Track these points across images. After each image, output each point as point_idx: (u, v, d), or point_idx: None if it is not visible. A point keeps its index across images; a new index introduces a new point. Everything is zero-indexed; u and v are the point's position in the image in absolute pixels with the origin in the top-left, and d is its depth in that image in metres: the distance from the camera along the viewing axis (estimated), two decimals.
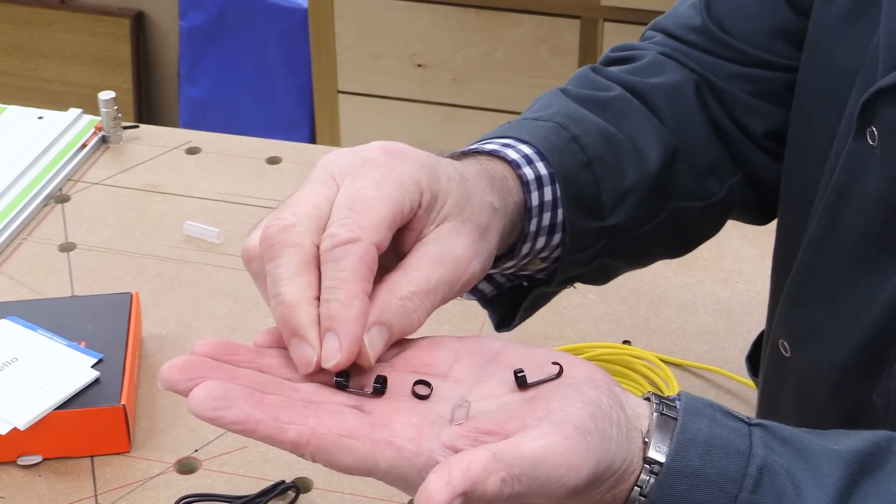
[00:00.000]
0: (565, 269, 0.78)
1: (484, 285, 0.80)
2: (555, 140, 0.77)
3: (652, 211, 0.82)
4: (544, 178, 0.75)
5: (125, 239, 1.27)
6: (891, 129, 0.71)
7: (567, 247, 0.77)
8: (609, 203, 0.79)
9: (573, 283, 0.83)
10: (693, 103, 0.86)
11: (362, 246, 0.59)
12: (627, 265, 0.87)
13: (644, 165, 0.81)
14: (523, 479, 0.55)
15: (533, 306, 0.82)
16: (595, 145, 0.79)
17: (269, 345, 0.63)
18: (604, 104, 0.83)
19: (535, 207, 0.75)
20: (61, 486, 0.97)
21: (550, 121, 0.79)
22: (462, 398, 0.60)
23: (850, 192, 0.75)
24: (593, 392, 0.59)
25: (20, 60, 3.20)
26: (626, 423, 0.59)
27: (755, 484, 0.58)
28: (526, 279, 0.81)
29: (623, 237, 0.81)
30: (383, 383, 0.60)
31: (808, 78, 0.82)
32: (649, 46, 0.90)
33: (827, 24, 0.80)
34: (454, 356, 0.63)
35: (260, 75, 2.99)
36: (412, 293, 0.62)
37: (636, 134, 0.82)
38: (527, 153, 0.75)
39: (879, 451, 0.61)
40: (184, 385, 0.57)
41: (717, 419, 0.60)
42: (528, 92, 2.56)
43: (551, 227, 0.76)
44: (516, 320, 0.82)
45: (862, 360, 0.76)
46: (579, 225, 0.77)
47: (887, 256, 0.73)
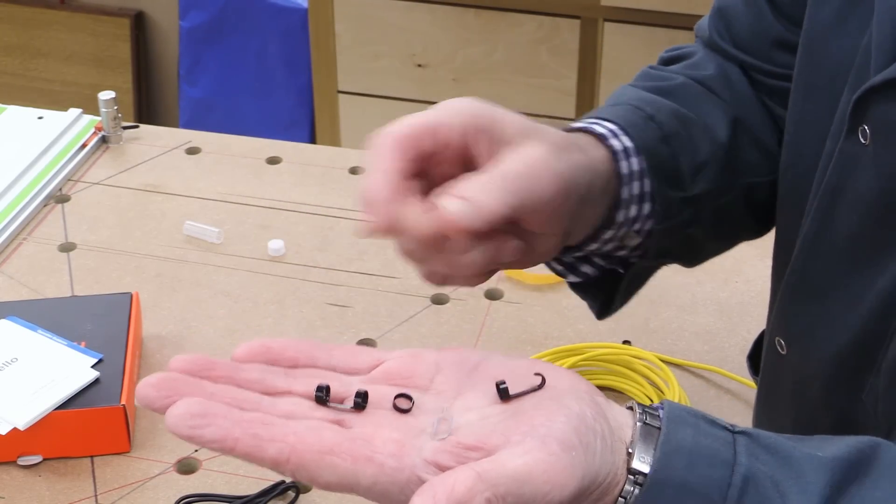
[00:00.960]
0: (657, 240, 0.80)
1: (587, 268, 0.82)
2: (632, 118, 0.79)
3: (727, 183, 0.84)
4: (629, 149, 0.77)
5: (125, 239, 1.27)
6: (883, 127, 0.71)
7: (657, 216, 0.79)
8: (688, 174, 0.81)
9: (667, 260, 0.86)
10: (746, 85, 0.89)
11: (387, 138, 0.66)
12: (713, 240, 0.89)
13: (714, 140, 0.84)
14: (508, 499, 0.54)
15: (631, 287, 0.84)
16: (669, 122, 0.81)
17: (247, 359, 0.62)
18: (670, 91, 0.86)
19: (625, 175, 0.76)
20: (61, 486, 0.97)
21: (626, 104, 0.82)
22: (444, 411, 0.59)
23: (842, 190, 0.76)
24: (577, 405, 0.59)
25: (20, 60, 3.20)
26: (610, 435, 0.59)
27: (740, 493, 0.58)
28: (622, 264, 0.82)
29: (705, 209, 0.83)
30: (364, 398, 0.60)
31: (802, 76, 0.83)
32: (695, 47, 0.94)
33: (820, 22, 0.80)
34: (435, 368, 0.63)
35: (260, 75, 2.99)
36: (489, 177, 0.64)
37: (703, 113, 0.85)
38: (611, 128, 0.78)
39: (863, 458, 0.60)
40: (160, 403, 0.57)
41: (700, 428, 0.60)
42: (528, 92, 2.56)
43: (641, 197, 0.78)
44: (615, 304, 0.84)
45: (853, 358, 0.76)
46: (665, 194, 0.79)
47: (879, 255, 0.73)
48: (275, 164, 1.40)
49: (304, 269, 1.23)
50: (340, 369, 0.63)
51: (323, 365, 0.63)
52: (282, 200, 1.33)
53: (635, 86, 0.88)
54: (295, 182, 1.36)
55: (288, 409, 0.59)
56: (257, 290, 1.20)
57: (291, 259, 1.24)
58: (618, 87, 0.89)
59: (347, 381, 0.62)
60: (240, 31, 2.98)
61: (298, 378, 0.61)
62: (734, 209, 0.86)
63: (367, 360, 0.64)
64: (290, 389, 0.61)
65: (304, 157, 1.41)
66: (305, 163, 1.40)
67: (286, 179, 1.37)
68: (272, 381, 0.61)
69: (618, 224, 0.77)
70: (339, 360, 0.63)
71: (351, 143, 2.73)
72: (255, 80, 3.01)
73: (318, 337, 1.14)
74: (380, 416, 0.60)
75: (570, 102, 2.54)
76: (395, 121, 0.68)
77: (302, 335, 1.14)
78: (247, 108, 3.03)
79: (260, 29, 2.95)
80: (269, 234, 1.28)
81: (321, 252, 1.25)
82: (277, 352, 0.63)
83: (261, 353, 0.62)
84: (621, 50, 2.44)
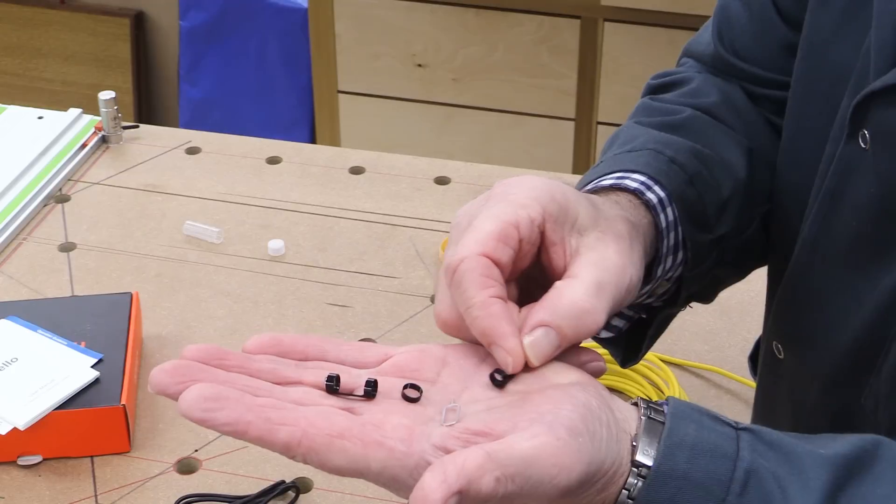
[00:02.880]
0: (688, 286, 0.79)
1: (617, 320, 0.81)
2: (657, 164, 0.78)
3: (748, 217, 0.84)
4: (664, 199, 0.76)
5: (125, 239, 1.27)
6: (882, 132, 0.71)
7: (689, 263, 0.78)
8: (714, 215, 0.80)
9: (690, 302, 0.84)
10: (750, 108, 0.88)
11: (469, 261, 0.62)
12: (733, 276, 0.89)
13: (734, 174, 0.83)
14: (516, 479, 0.55)
15: (657, 333, 0.82)
16: (690, 163, 0.80)
17: (258, 351, 0.63)
18: (680, 126, 0.84)
19: (664, 229, 0.75)
20: (61, 486, 0.97)
21: (644, 148, 0.80)
22: (452, 401, 0.60)
23: (842, 194, 0.76)
24: (582, 394, 0.59)
25: (20, 60, 3.20)
26: (615, 425, 0.59)
27: (742, 487, 0.58)
28: (644, 310, 0.81)
29: (728, 247, 0.82)
30: (374, 386, 0.60)
31: (802, 80, 0.82)
32: (688, 71, 0.92)
33: (820, 27, 0.80)
34: (441, 363, 0.63)
35: (260, 75, 2.99)
36: (586, 293, 0.62)
37: (719, 147, 0.83)
38: (642, 180, 0.76)
39: (866, 455, 0.61)
40: (174, 388, 0.57)
41: (704, 423, 0.60)
42: (528, 92, 2.56)
43: (675, 246, 0.77)
44: (643, 351, 0.82)
45: (852, 362, 0.76)
46: (696, 239, 0.78)
47: (878, 259, 0.73)
48: (275, 164, 1.40)
49: (304, 269, 1.23)
50: (349, 363, 0.64)
51: (332, 359, 0.64)
52: (282, 200, 1.33)
53: (641, 123, 0.85)
54: (295, 182, 1.36)
55: (299, 398, 0.59)
56: (257, 290, 1.20)
57: (291, 259, 1.24)
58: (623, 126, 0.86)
59: (356, 373, 0.62)
60: (240, 31, 2.98)
61: (309, 369, 0.62)
62: (753, 240, 0.85)
63: (375, 355, 0.65)
64: (301, 380, 0.61)
65: (304, 157, 1.41)
66: (305, 163, 1.40)
67: (286, 179, 1.37)
68: (283, 371, 0.61)
69: (656, 278, 0.76)
70: (349, 355, 0.64)
71: (351, 143, 2.74)
72: (255, 80, 3.01)
73: None
74: (389, 404, 0.60)
75: (570, 102, 2.54)
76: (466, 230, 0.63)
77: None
78: (247, 108, 3.03)
79: (260, 29, 2.95)
80: (269, 234, 1.28)
81: (321, 252, 1.25)
82: (288, 345, 0.63)
83: (271, 345, 0.63)
84: (621, 50, 2.45)
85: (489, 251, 0.62)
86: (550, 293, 0.63)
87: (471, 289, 0.61)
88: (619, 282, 0.64)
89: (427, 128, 2.67)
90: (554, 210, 0.64)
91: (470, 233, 0.63)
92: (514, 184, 0.65)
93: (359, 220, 1.30)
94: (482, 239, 0.62)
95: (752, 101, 0.88)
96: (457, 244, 0.63)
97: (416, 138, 2.66)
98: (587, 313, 0.62)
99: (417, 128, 2.67)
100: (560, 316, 0.62)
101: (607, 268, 0.64)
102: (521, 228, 0.63)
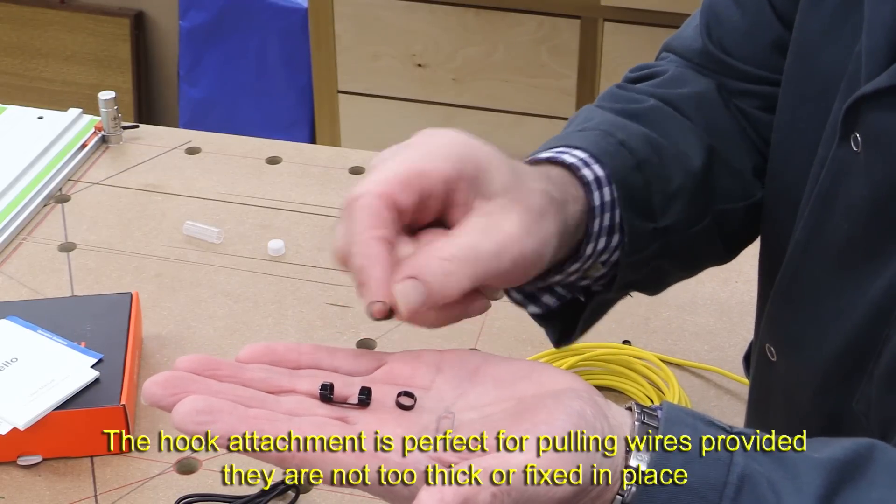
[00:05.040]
0: (624, 273, 0.79)
1: (547, 298, 0.80)
2: (604, 145, 0.77)
3: (698, 213, 0.83)
4: (602, 178, 0.75)
5: (125, 239, 1.27)
6: (874, 135, 0.71)
7: (625, 248, 0.77)
8: (659, 205, 0.79)
9: (630, 290, 0.84)
10: (720, 107, 0.87)
11: (367, 197, 0.62)
12: (680, 271, 0.87)
13: (688, 167, 0.82)
14: (513, 493, 0.55)
15: (592, 317, 0.82)
16: (641, 149, 0.79)
17: (251, 360, 0.62)
18: (640, 114, 0.84)
19: (597, 207, 0.75)
20: (61, 486, 0.97)
21: (596, 129, 0.80)
22: (446, 409, 0.60)
23: (834, 197, 0.75)
24: (577, 403, 0.59)
25: (20, 60, 3.20)
26: (610, 433, 0.59)
27: (736, 492, 0.58)
28: (583, 292, 0.81)
29: (674, 240, 0.81)
30: (367, 394, 0.60)
31: (793, 83, 0.82)
32: (667, 64, 0.91)
33: (811, 30, 0.80)
34: (436, 369, 0.63)
35: (260, 75, 2.99)
36: (452, 255, 0.63)
37: (676, 138, 0.83)
38: (582, 157, 0.76)
39: (860, 459, 0.61)
40: (167, 400, 0.57)
41: (698, 428, 0.60)
42: (528, 92, 2.56)
43: (610, 228, 0.76)
44: (576, 333, 0.82)
45: (843, 365, 0.76)
46: (635, 226, 0.77)
47: (870, 262, 0.73)
48: (275, 164, 1.40)
49: (304, 269, 1.23)
50: (343, 371, 0.64)
51: (326, 366, 0.64)
52: (282, 200, 1.33)
53: (602, 107, 0.85)
54: (295, 182, 1.36)
55: (292, 407, 0.59)
56: (257, 290, 1.20)
57: (291, 259, 1.24)
58: (582, 109, 0.86)
59: (350, 381, 0.62)
60: (240, 31, 2.98)
61: (302, 378, 0.62)
62: (704, 237, 0.84)
63: (369, 362, 0.64)
64: (295, 388, 0.61)
65: (304, 157, 1.41)
66: (305, 163, 1.40)
67: (286, 179, 1.37)
68: (276, 380, 0.61)
69: (585, 257, 0.76)
70: (342, 362, 0.64)
71: (351, 143, 2.73)
72: (255, 80, 3.01)
73: (317, 337, 1.14)
74: (383, 412, 0.60)
75: (570, 102, 2.54)
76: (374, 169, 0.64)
77: (302, 335, 1.14)
78: (247, 108, 3.03)
79: (260, 29, 2.95)
80: (269, 234, 1.28)
81: (321, 252, 1.25)
82: (281, 354, 0.63)
83: (264, 354, 0.63)
84: (621, 50, 2.44)
85: (388, 191, 0.62)
86: (426, 247, 0.63)
87: (359, 225, 0.62)
88: (503, 251, 0.64)
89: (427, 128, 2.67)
90: (469, 171, 0.64)
91: (376, 172, 0.64)
92: (436, 135, 0.66)
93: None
94: (384, 179, 0.63)
95: (735, 96, 0.87)
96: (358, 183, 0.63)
97: None
98: (451, 275, 0.62)
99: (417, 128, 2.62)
100: (429, 272, 0.62)
101: (491, 235, 0.64)
102: (429, 179, 0.63)
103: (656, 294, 0.88)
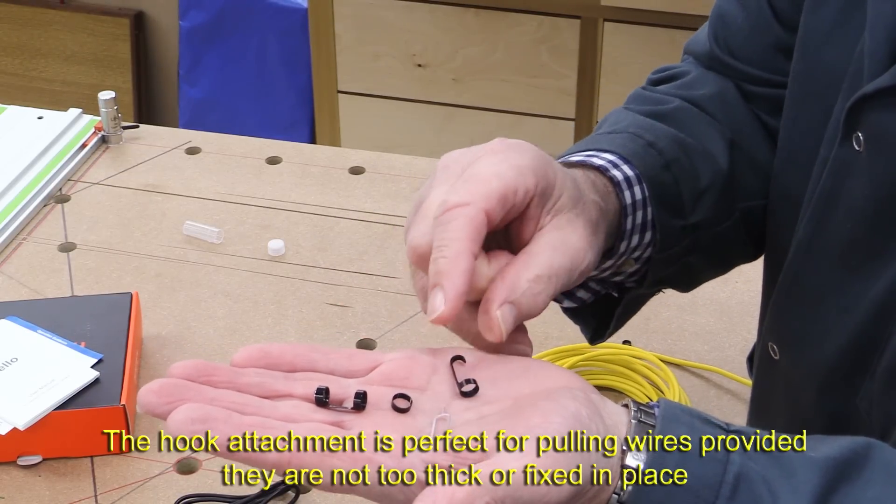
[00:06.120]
0: (656, 269, 0.80)
1: (582, 293, 0.82)
2: (633, 146, 0.79)
3: (726, 210, 0.84)
4: (632, 178, 0.77)
5: (125, 239, 1.27)
6: (876, 134, 0.72)
7: (657, 245, 0.79)
8: (689, 202, 0.81)
9: (662, 286, 0.85)
10: (742, 106, 0.88)
11: (472, 209, 0.61)
12: (710, 268, 0.89)
13: (715, 165, 0.84)
14: (507, 500, 0.55)
15: (626, 313, 0.84)
16: (670, 149, 0.81)
17: (246, 364, 0.62)
18: (667, 115, 0.85)
19: (629, 205, 0.76)
20: (61, 486, 0.97)
21: (624, 132, 0.81)
22: (442, 411, 0.60)
23: (837, 196, 0.76)
24: (573, 404, 0.59)
25: (20, 60, 3.20)
26: (605, 433, 0.59)
27: (732, 491, 0.58)
28: (616, 288, 0.82)
29: (703, 236, 0.83)
30: (363, 398, 0.60)
31: (797, 81, 0.83)
32: (688, 66, 0.93)
33: (815, 29, 0.80)
34: (431, 369, 0.63)
35: (260, 75, 2.99)
36: (538, 276, 0.63)
37: (702, 137, 0.84)
38: (611, 159, 0.77)
39: (857, 458, 0.61)
40: (162, 409, 0.57)
41: (694, 426, 0.60)
42: (528, 92, 2.56)
43: (643, 225, 0.78)
44: (611, 329, 0.84)
45: (846, 363, 0.77)
46: (666, 223, 0.79)
47: (873, 261, 0.74)
48: (275, 164, 1.40)
49: (304, 269, 1.23)
50: (339, 372, 0.63)
51: (322, 368, 0.63)
52: (282, 200, 1.33)
53: (630, 109, 0.87)
54: (295, 182, 1.36)
55: (288, 412, 0.59)
56: (257, 290, 1.20)
57: (291, 259, 1.24)
58: (611, 112, 0.88)
59: (346, 383, 0.62)
60: (240, 31, 2.98)
61: (298, 381, 0.62)
62: (732, 235, 0.86)
63: (364, 363, 0.64)
64: (290, 392, 0.61)
65: (304, 157, 1.41)
66: (305, 163, 1.40)
67: (286, 179, 1.37)
68: (272, 384, 0.61)
69: (619, 254, 0.77)
70: (337, 364, 0.64)
71: (351, 143, 2.73)
72: (255, 80, 3.01)
73: (317, 337, 1.14)
74: (379, 416, 0.60)
75: (570, 102, 2.54)
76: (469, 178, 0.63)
77: (302, 335, 1.14)
78: (247, 108, 3.03)
79: (260, 29, 2.95)
80: (269, 234, 1.28)
81: (321, 252, 1.25)
82: (276, 356, 0.63)
83: (259, 357, 0.63)
84: (621, 50, 2.45)
85: (489, 208, 0.62)
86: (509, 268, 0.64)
87: (456, 233, 0.61)
88: (573, 266, 0.66)
89: (427, 128, 2.67)
90: (543, 186, 0.65)
91: (477, 183, 0.63)
92: (515, 147, 0.66)
93: (359, 220, 1.30)
94: (488, 194, 0.62)
95: (746, 99, 0.89)
96: (456, 187, 0.63)
97: (416, 138, 2.66)
98: (539, 294, 0.63)
99: (417, 128, 2.67)
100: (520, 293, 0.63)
101: (566, 251, 0.65)
102: (518, 196, 0.64)
103: (688, 291, 0.90)
